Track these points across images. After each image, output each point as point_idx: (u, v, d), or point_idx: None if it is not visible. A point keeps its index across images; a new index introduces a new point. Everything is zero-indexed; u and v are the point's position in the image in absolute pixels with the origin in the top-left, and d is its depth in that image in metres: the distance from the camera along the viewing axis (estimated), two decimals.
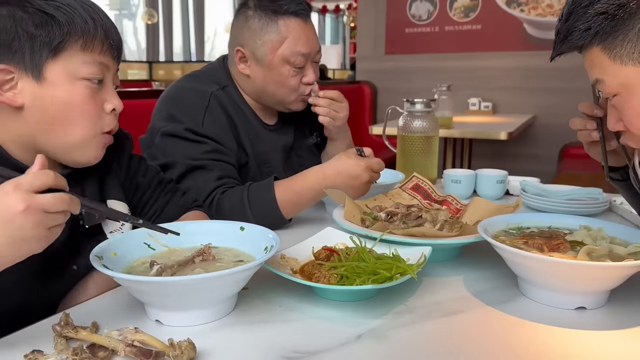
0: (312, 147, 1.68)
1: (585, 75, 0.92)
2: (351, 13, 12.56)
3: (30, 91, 0.87)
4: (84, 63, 0.89)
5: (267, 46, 1.42)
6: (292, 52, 1.42)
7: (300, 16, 1.43)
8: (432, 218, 1.12)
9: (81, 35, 0.87)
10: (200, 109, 1.40)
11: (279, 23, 1.42)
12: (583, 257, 0.87)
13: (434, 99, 1.83)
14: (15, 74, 0.86)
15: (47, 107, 0.88)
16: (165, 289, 0.77)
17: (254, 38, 1.44)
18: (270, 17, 1.42)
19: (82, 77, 0.89)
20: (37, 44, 0.85)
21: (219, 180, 1.32)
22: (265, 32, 1.42)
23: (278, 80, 1.45)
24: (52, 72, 0.87)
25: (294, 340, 0.76)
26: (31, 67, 0.86)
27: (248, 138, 1.48)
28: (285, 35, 1.42)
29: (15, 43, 0.84)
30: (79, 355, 0.68)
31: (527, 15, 4.14)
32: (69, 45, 0.87)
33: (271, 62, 1.43)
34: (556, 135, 4.10)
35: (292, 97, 1.49)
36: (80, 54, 0.88)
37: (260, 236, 0.93)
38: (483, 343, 0.78)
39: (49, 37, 0.85)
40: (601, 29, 0.86)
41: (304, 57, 1.44)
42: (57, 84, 0.87)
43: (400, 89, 4.49)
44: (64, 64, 0.87)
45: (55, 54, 0.86)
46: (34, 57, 0.85)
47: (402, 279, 0.85)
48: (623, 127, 0.92)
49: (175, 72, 8.13)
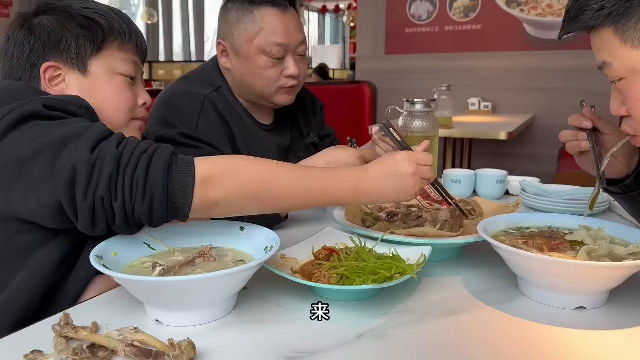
0: (310, 146, 1.66)
1: (584, 75, 0.92)
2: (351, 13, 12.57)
3: (76, 84, 1.00)
4: (121, 60, 1.03)
5: (243, 37, 1.41)
6: (268, 43, 1.39)
7: (277, 6, 1.40)
8: (432, 218, 1.12)
9: (118, 37, 1.02)
10: (195, 112, 1.39)
11: (254, 13, 1.40)
12: (583, 257, 0.87)
13: (434, 99, 1.83)
14: (62, 71, 0.99)
15: (91, 97, 0.97)
16: (165, 289, 0.77)
17: (231, 30, 1.43)
18: (247, 7, 1.40)
19: (120, 73, 1.03)
20: (82, 42, 0.99)
21: None
22: (242, 22, 1.41)
23: (255, 72, 1.43)
24: (95, 67, 1.01)
25: (294, 340, 0.76)
26: (77, 62, 0.99)
27: (244, 140, 1.47)
28: (262, 26, 1.40)
29: (63, 43, 0.98)
30: (79, 355, 0.68)
31: (527, 15, 4.14)
32: (109, 44, 1.01)
33: (247, 53, 1.42)
34: (556, 135, 4.01)
35: (272, 90, 1.45)
36: (118, 52, 1.03)
37: (260, 236, 0.93)
38: (483, 343, 0.78)
39: (93, 36, 0.99)
40: (615, 10, 0.84)
41: (281, 47, 1.41)
42: (99, 77, 1.01)
43: (400, 89, 4.48)
44: (105, 60, 1.02)
45: (98, 51, 1.00)
46: (79, 53, 0.99)
47: (402, 279, 0.85)
48: (626, 111, 0.91)
49: (175, 72, 8.13)
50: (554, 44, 4.10)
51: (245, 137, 1.48)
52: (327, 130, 1.79)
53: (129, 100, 1.05)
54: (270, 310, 0.86)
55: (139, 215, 0.80)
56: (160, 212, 0.80)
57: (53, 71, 0.99)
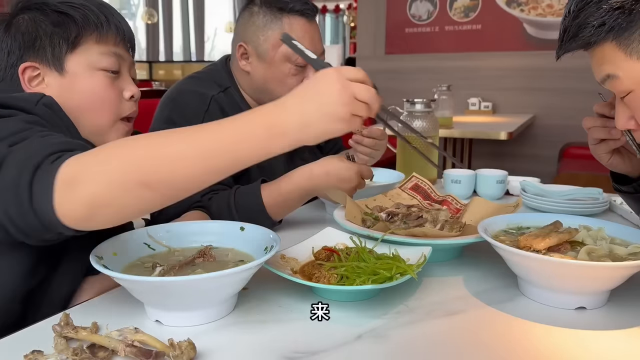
0: (315, 149, 1.67)
1: (584, 75, 0.92)
2: (351, 13, 12.56)
3: (55, 84, 0.96)
4: (101, 54, 0.98)
5: (270, 42, 1.42)
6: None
7: (305, 15, 1.43)
8: (432, 218, 1.12)
9: (95, 29, 0.97)
10: (200, 113, 1.40)
11: (283, 20, 1.42)
12: (583, 257, 0.87)
13: (434, 99, 1.84)
14: (40, 70, 0.96)
15: (71, 96, 0.96)
16: (165, 289, 0.77)
17: (257, 34, 1.44)
18: (275, 14, 1.42)
19: (100, 68, 0.98)
20: (56, 40, 0.95)
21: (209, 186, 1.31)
22: (269, 28, 1.42)
23: (278, 78, 1.45)
24: (73, 64, 0.96)
25: (294, 340, 0.76)
26: (53, 61, 0.95)
27: None
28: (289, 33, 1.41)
29: (38, 42, 0.95)
30: (79, 355, 0.68)
31: (527, 15, 4.14)
32: (84, 39, 0.96)
33: (273, 59, 1.43)
34: (556, 135, 4.10)
35: None
36: (96, 46, 0.97)
37: (260, 236, 0.93)
38: (483, 343, 0.78)
39: (66, 33, 0.95)
40: (617, 25, 0.82)
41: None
42: (78, 75, 0.97)
43: (400, 89, 4.49)
44: (83, 55, 0.97)
45: (74, 47, 0.96)
46: (54, 52, 0.95)
47: (402, 279, 0.85)
48: (634, 125, 0.90)
49: (175, 72, 8.14)
50: (554, 44, 4.09)
51: None
52: None
53: (112, 98, 1.00)
54: (270, 310, 0.86)
55: (19, 224, 0.71)
56: (29, 220, 0.70)
57: (31, 71, 0.96)
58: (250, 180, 1.40)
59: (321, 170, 1.23)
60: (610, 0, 0.82)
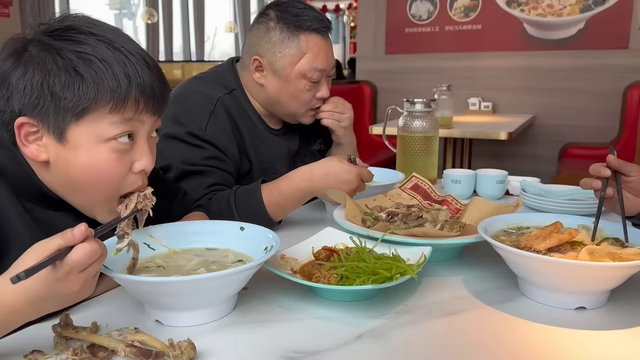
0: (316, 153, 1.68)
1: (584, 75, 0.92)
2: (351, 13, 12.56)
3: (53, 150, 0.83)
4: (112, 124, 0.82)
5: (287, 59, 1.43)
6: (311, 68, 1.44)
7: (321, 33, 1.45)
8: (432, 218, 1.12)
9: (110, 99, 0.80)
10: (205, 113, 1.40)
11: (300, 38, 1.43)
12: (584, 257, 0.87)
13: (434, 99, 1.83)
14: (39, 130, 0.82)
15: (67, 169, 0.84)
16: (165, 289, 0.77)
17: (273, 50, 1.44)
18: (292, 31, 1.43)
19: (109, 139, 0.82)
20: (60, 107, 0.80)
21: (210, 187, 1.31)
22: (286, 45, 1.43)
23: (293, 94, 1.47)
24: (76, 135, 0.82)
25: (294, 340, 0.76)
26: (54, 127, 0.81)
27: (253, 144, 1.48)
28: (305, 51, 1.43)
29: (41, 102, 0.80)
30: (79, 355, 0.68)
31: (527, 15, 4.14)
32: (95, 108, 0.81)
33: (288, 76, 1.45)
34: (556, 135, 4.10)
35: (303, 110, 1.51)
36: (109, 115, 0.81)
37: (260, 236, 0.93)
38: (483, 343, 0.78)
39: (72, 102, 0.80)
40: None
41: (320, 72, 1.46)
42: (80, 147, 0.82)
43: (400, 89, 4.49)
44: (89, 126, 0.81)
45: (79, 117, 0.81)
46: (57, 118, 0.81)
47: (402, 279, 0.85)
48: None
49: (176, 72, 8.14)
50: (554, 44, 4.10)
51: (255, 141, 1.49)
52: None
53: (116, 175, 0.85)
54: (270, 310, 0.86)
55: None
56: None
57: (29, 127, 0.82)
58: (252, 181, 1.40)
59: (321, 172, 1.23)
60: None
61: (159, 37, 9.82)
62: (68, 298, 0.70)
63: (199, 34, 10.74)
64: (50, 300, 0.69)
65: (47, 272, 0.66)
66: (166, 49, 10.00)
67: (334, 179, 1.22)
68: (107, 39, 0.82)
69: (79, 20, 0.84)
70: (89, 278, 0.70)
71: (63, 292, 0.68)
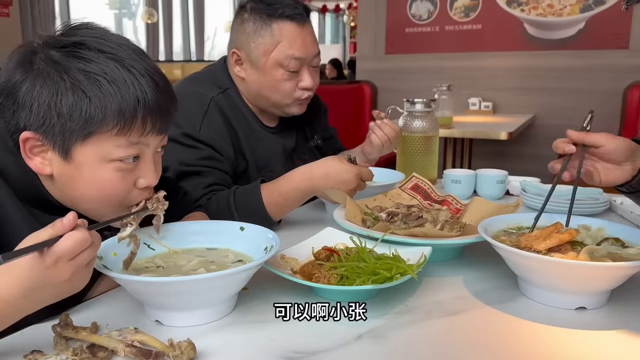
0: (314, 149, 1.67)
1: (584, 75, 0.91)
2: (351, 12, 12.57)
3: (57, 167, 0.84)
4: (118, 147, 0.82)
5: (261, 49, 1.42)
6: (286, 56, 1.41)
7: (295, 20, 1.41)
8: (432, 218, 1.12)
9: (118, 122, 0.80)
10: (199, 114, 1.39)
11: (272, 27, 1.40)
12: (585, 257, 0.87)
13: (434, 99, 1.83)
14: (44, 144, 0.82)
15: (72, 185, 0.85)
16: (165, 289, 0.77)
17: (248, 41, 1.43)
18: (265, 20, 1.41)
19: (113, 159, 0.83)
20: (67, 128, 0.80)
21: (208, 187, 1.31)
22: (259, 35, 1.41)
23: (272, 85, 1.44)
24: (81, 155, 0.82)
25: (294, 340, 0.76)
26: (59, 146, 0.81)
27: (248, 143, 1.47)
28: (279, 39, 1.40)
29: (47, 120, 0.80)
30: (79, 355, 0.68)
31: (527, 15, 4.14)
32: (101, 131, 0.80)
33: (264, 66, 1.42)
34: (556, 135, 4.05)
35: (287, 101, 1.47)
36: (115, 138, 0.81)
37: (260, 236, 0.93)
38: (483, 343, 0.78)
39: (79, 125, 0.79)
40: None
41: (298, 61, 1.42)
42: (85, 166, 0.82)
43: (400, 89, 4.48)
44: (95, 147, 0.81)
45: (85, 139, 0.81)
46: (63, 137, 0.80)
47: (402, 279, 0.85)
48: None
49: (175, 72, 8.14)
50: (554, 44, 4.09)
51: (250, 140, 1.48)
52: (331, 132, 1.80)
53: (121, 192, 0.86)
54: (270, 310, 0.85)
55: None
56: None
57: (34, 141, 0.82)
58: (249, 180, 1.40)
59: (321, 172, 1.23)
60: None
61: (159, 37, 9.81)
62: (60, 288, 0.69)
63: (199, 33, 10.73)
64: (41, 290, 0.69)
65: (35, 260, 0.66)
66: (166, 48, 10.00)
67: (333, 179, 1.22)
68: (117, 58, 0.81)
69: (88, 34, 0.83)
70: (79, 267, 0.69)
71: (52, 280, 0.68)
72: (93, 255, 0.71)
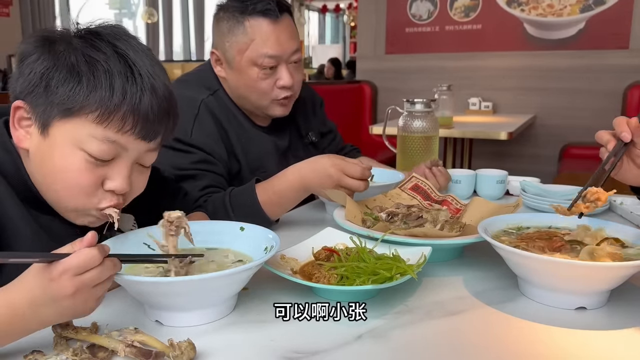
0: (309, 146, 1.65)
1: (584, 75, 0.91)
2: (351, 12, 12.57)
3: (35, 141, 0.85)
4: (92, 137, 0.81)
5: (235, 48, 1.39)
6: (259, 54, 1.37)
7: (268, 16, 1.37)
8: (432, 218, 1.12)
9: (97, 108, 0.80)
10: (190, 117, 1.38)
11: (245, 24, 1.37)
12: (585, 257, 0.87)
13: (434, 99, 1.83)
14: (30, 117, 0.84)
15: (43, 163, 0.85)
16: (165, 290, 0.77)
17: (223, 40, 1.41)
18: (237, 18, 1.38)
19: (82, 149, 0.82)
20: (49, 100, 0.81)
21: (203, 189, 1.30)
22: (233, 34, 1.39)
23: (248, 84, 1.42)
24: (57, 132, 0.82)
25: (294, 340, 0.76)
26: (40, 118, 0.83)
27: (240, 143, 1.46)
28: (252, 37, 1.37)
29: (36, 89, 0.82)
30: (79, 355, 0.68)
31: (527, 15, 4.14)
32: (82, 112, 0.80)
33: (240, 65, 1.40)
34: (556, 135, 4.10)
35: (266, 101, 1.44)
36: (92, 125, 0.81)
37: (260, 236, 0.93)
38: (483, 343, 0.78)
39: (62, 98, 0.80)
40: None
41: (273, 59, 1.39)
42: (58, 145, 0.83)
43: (400, 89, 4.48)
44: (72, 128, 0.82)
45: (65, 116, 0.81)
46: (45, 110, 0.82)
47: (402, 279, 0.85)
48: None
49: (175, 72, 8.14)
50: (555, 44, 4.09)
51: (242, 140, 1.47)
52: (329, 125, 1.76)
53: (85, 185, 0.84)
54: (270, 310, 0.85)
55: None
56: None
57: (23, 112, 0.84)
58: (243, 181, 1.39)
59: (309, 167, 1.23)
60: None
61: (159, 37, 9.82)
62: (62, 303, 0.68)
63: (199, 33, 10.74)
64: (45, 304, 0.68)
65: (42, 269, 0.67)
66: (166, 48, 10.00)
67: (319, 173, 1.20)
68: (125, 54, 0.83)
69: (108, 29, 0.86)
70: (83, 285, 0.67)
71: (54, 293, 0.67)
72: (101, 278, 0.69)
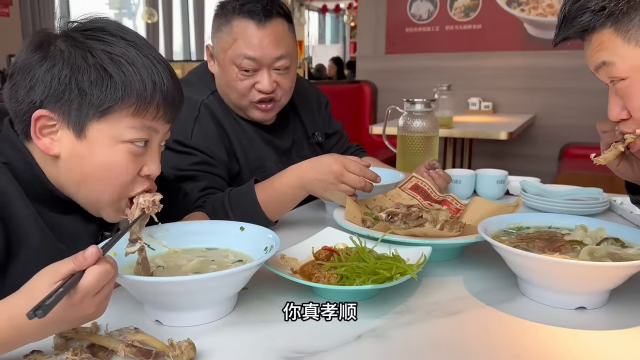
0: (315, 146, 1.64)
1: (584, 75, 0.91)
2: (351, 12, 12.57)
3: (68, 145, 0.84)
4: (131, 128, 0.84)
5: (220, 45, 1.40)
6: (238, 54, 1.37)
7: (253, 18, 1.36)
8: (432, 218, 1.12)
9: (135, 101, 0.83)
10: (190, 119, 1.38)
11: (232, 23, 1.38)
12: (585, 258, 0.87)
13: (434, 99, 1.84)
14: (57, 123, 0.84)
15: (81, 164, 0.85)
16: (165, 289, 0.77)
17: (214, 36, 1.43)
18: (228, 16, 1.39)
19: (125, 141, 0.84)
20: (86, 102, 0.82)
21: (203, 190, 1.30)
22: (222, 31, 1.40)
23: (227, 82, 1.42)
24: (95, 132, 0.83)
25: (294, 340, 0.76)
26: (75, 122, 0.83)
27: (240, 144, 1.45)
28: (235, 37, 1.37)
29: (66, 95, 0.82)
30: (79, 355, 0.68)
31: (527, 15, 4.14)
32: (119, 109, 0.83)
33: (223, 62, 1.41)
34: (556, 135, 4.10)
35: (244, 102, 1.43)
36: (130, 118, 0.84)
37: (260, 236, 0.93)
38: (483, 343, 0.78)
39: (99, 99, 0.82)
40: (618, 9, 0.82)
41: (252, 61, 1.37)
42: (97, 145, 0.84)
43: (400, 89, 4.49)
44: (110, 125, 0.83)
45: (102, 116, 0.83)
46: (80, 113, 0.82)
47: (402, 279, 0.85)
48: (627, 115, 0.90)
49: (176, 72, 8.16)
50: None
51: (242, 140, 1.46)
52: (334, 126, 1.75)
53: (127, 176, 0.87)
54: (270, 310, 0.86)
55: None
56: None
57: (46, 121, 0.83)
58: (243, 181, 1.39)
59: (307, 165, 1.22)
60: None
61: (159, 37, 9.80)
62: (80, 321, 0.69)
63: (199, 33, 10.73)
64: (62, 322, 0.68)
65: (63, 299, 0.65)
66: (166, 48, 9.99)
67: (317, 169, 1.20)
68: (136, 45, 0.85)
69: (110, 24, 0.87)
70: (102, 300, 0.69)
71: (77, 315, 0.68)
72: (112, 284, 0.71)
